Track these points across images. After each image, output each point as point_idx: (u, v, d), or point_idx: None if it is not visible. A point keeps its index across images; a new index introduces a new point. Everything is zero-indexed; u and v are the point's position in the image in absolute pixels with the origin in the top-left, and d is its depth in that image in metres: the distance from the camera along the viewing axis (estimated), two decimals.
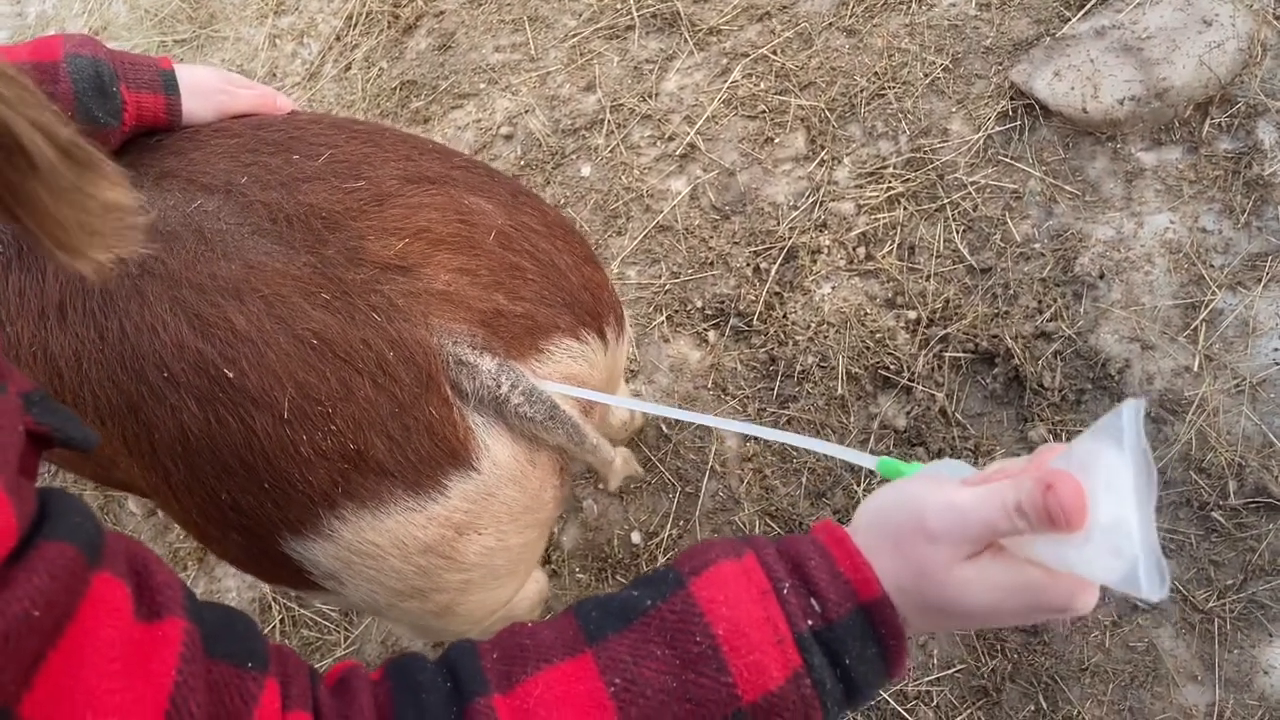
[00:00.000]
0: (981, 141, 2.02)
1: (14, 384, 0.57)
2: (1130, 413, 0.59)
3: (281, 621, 2.01)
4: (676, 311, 2.06)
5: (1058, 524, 0.58)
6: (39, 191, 0.52)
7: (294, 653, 0.66)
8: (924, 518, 0.65)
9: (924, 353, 1.88)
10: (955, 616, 0.65)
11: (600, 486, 1.96)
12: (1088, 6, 2.04)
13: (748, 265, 2.05)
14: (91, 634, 0.49)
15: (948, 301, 1.90)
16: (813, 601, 0.65)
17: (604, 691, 0.63)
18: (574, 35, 2.47)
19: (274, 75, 2.75)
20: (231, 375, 0.92)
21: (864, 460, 0.83)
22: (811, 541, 0.69)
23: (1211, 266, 1.78)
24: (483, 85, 2.50)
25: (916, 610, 0.66)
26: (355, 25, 2.72)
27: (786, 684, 0.63)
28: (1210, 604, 1.60)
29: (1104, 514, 0.59)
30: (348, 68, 2.67)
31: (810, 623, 0.64)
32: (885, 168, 2.07)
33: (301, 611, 2.02)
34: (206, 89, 1.18)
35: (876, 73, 2.16)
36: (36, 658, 0.46)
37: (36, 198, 0.52)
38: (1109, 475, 0.59)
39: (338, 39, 2.73)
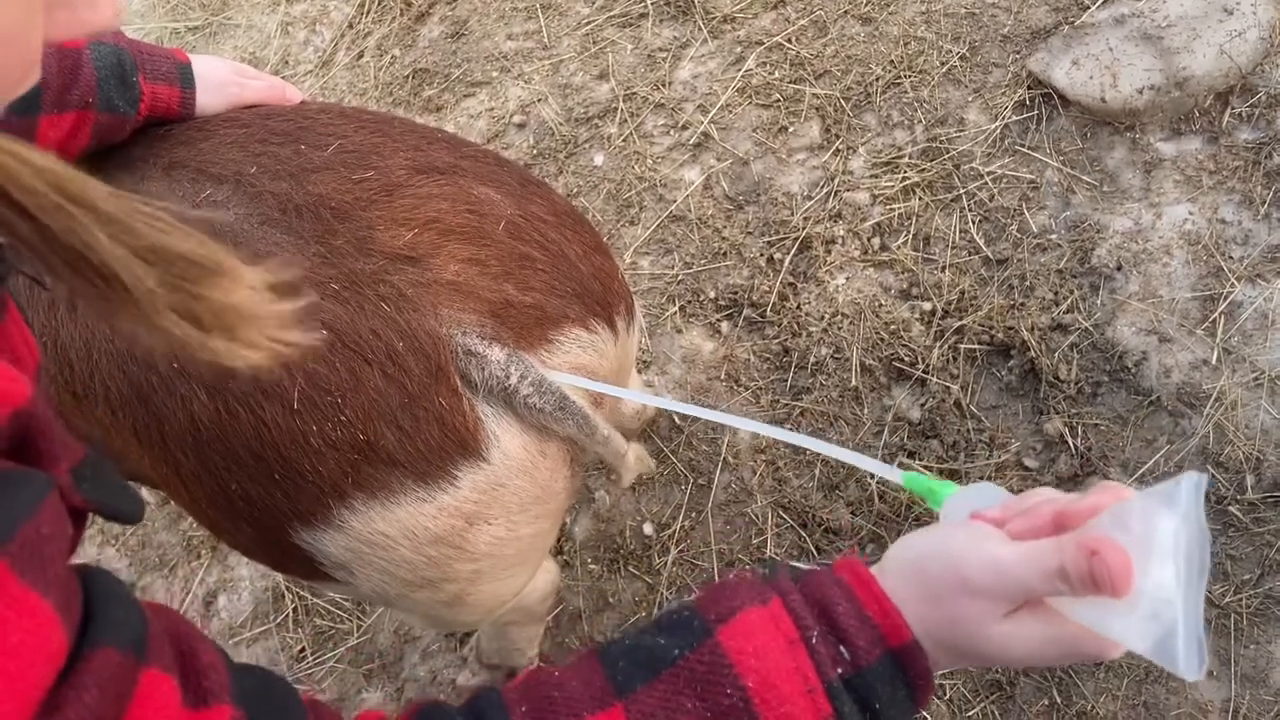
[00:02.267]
0: (998, 131, 2.01)
1: (66, 458, 0.56)
2: (1190, 485, 0.59)
3: (294, 611, 2.02)
4: (689, 302, 2.06)
5: (1102, 589, 0.58)
6: (141, 309, 0.52)
7: (328, 709, 0.65)
8: (963, 571, 0.64)
9: (939, 344, 1.86)
10: (984, 660, 0.66)
11: (613, 478, 1.95)
12: None
13: (761, 256, 2.04)
14: None
15: (963, 293, 1.88)
16: (842, 649, 0.65)
17: None
18: (587, 23, 2.46)
19: (286, 63, 2.74)
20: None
21: (890, 474, 0.82)
22: (836, 583, 0.68)
23: (1230, 258, 1.76)
24: (495, 73, 2.49)
25: (946, 654, 0.66)
26: (367, 13, 2.72)
27: None
28: (1227, 599, 1.59)
29: (1150, 582, 0.58)
30: (360, 56, 2.66)
31: (840, 670, 0.64)
32: (901, 157, 2.05)
33: (314, 601, 2.03)
34: (218, 81, 1.19)
35: (892, 61, 2.14)
36: None
37: (139, 313, 0.52)
38: (1159, 543, 0.58)
39: (350, 27, 2.72)
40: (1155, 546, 0.58)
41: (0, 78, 0.51)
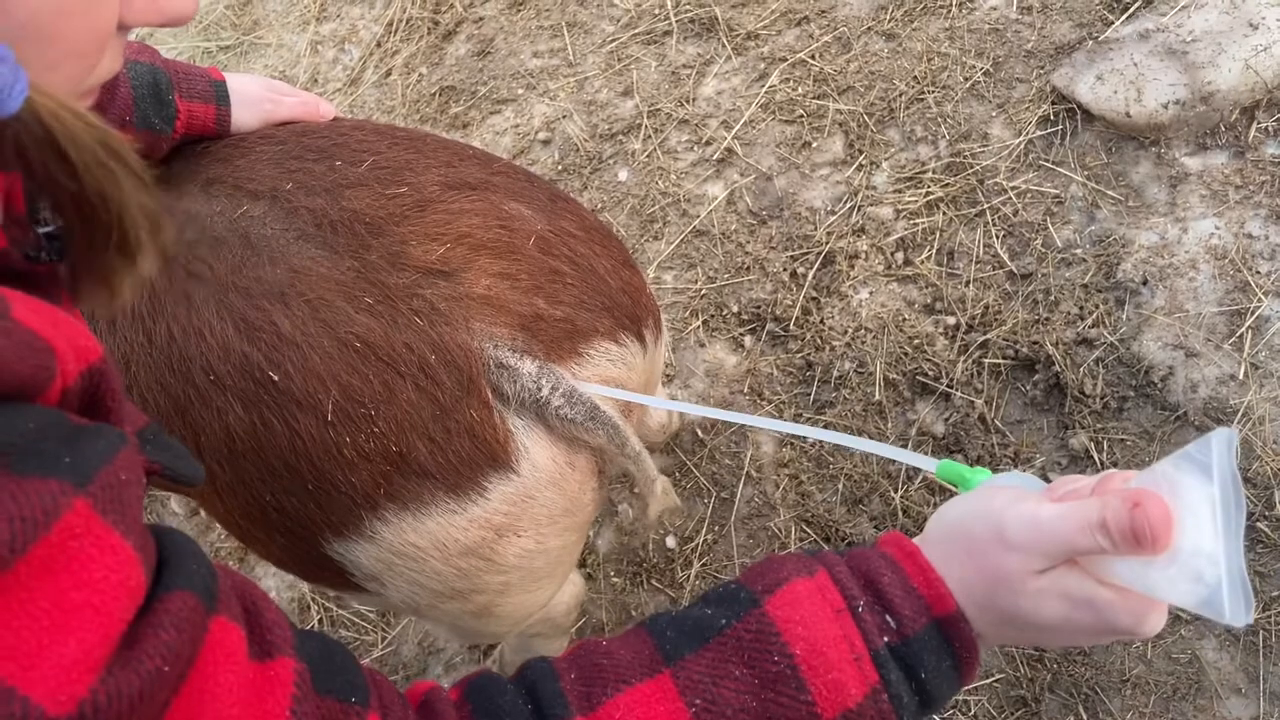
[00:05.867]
0: (1022, 146, 2.01)
1: (129, 422, 0.58)
2: (1221, 440, 0.59)
3: (320, 621, 2.04)
4: (713, 316, 2.06)
5: (1143, 543, 0.57)
6: (114, 260, 0.56)
7: (385, 679, 0.67)
8: (1004, 528, 0.65)
9: (963, 359, 1.86)
10: (1025, 628, 0.65)
11: (636, 491, 1.96)
12: (1131, 9, 2.02)
13: (784, 270, 2.05)
14: (211, 679, 0.51)
15: (987, 307, 1.88)
16: (888, 618, 0.66)
17: (685, 712, 0.64)
18: (612, 40, 2.48)
19: (315, 81, 2.78)
20: (276, 378, 0.93)
21: (925, 463, 0.82)
22: (881, 556, 0.69)
23: (1258, 273, 1.76)
24: (521, 90, 2.51)
25: (988, 622, 0.66)
26: (396, 32, 2.75)
27: (865, 701, 0.64)
28: (1255, 616, 1.57)
29: (1189, 537, 0.58)
30: (388, 74, 2.70)
31: (886, 639, 0.65)
32: (924, 172, 2.05)
33: (340, 611, 2.04)
34: (253, 98, 1.21)
35: (916, 77, 2.15)
36: (163, 708, 0.48)
37: (108, 263, 0.56)
38: (1194, 498, 0.59)
39: (378, 45, 2.76)
40: (1191, 502, 0.59)
41: (73, 51, 0.55)
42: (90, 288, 0.57)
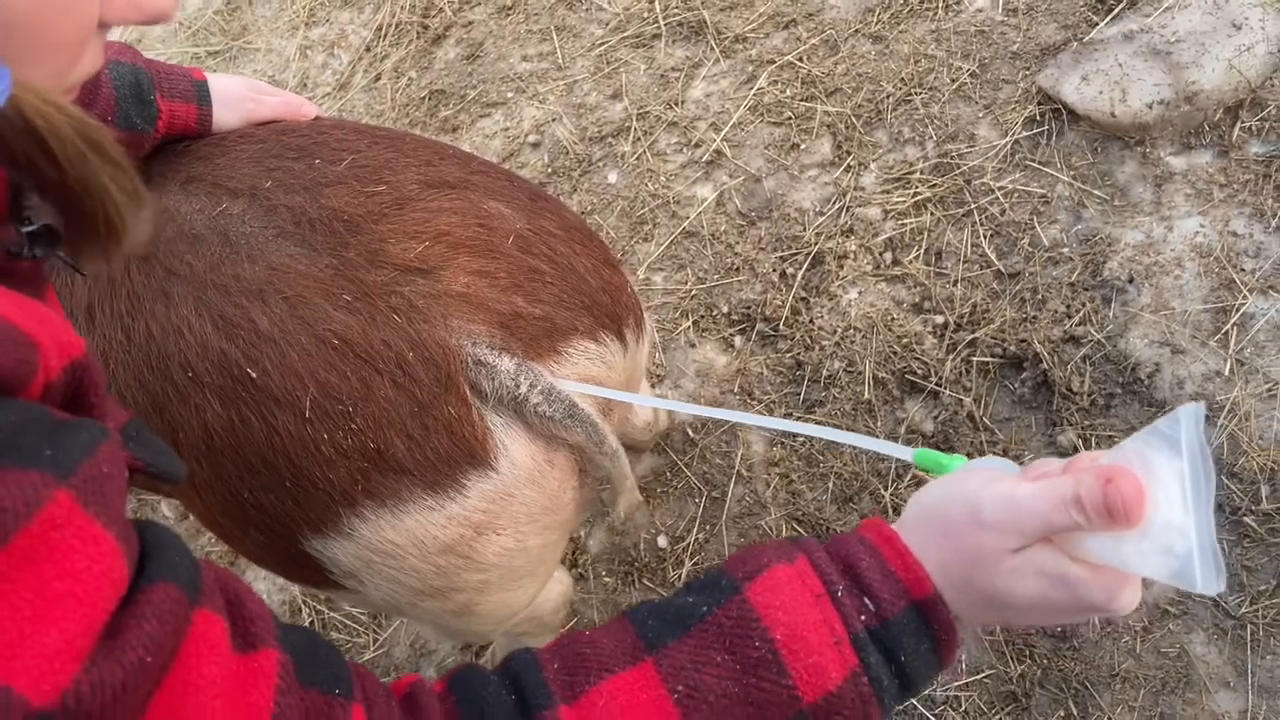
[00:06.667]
0: (1009, 146, 2.01)
1: (113, 419, 0.59)
2: (1189, 415, 0.60)
3: (311, 624, 2.03)
4: (703, 317, 2.07)
5: (1116, 518, 0.58)
6: (100, 240, 0.58)
7: (370, 673, 0.67)
8: (979, 508, 0.65)
9: (951, 357, 1.87)
10: (1002, 608, 0.66)
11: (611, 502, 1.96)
12: (1115, 10, 2.02)
13: (774, 271, 2.05)
14: (194, 670, 0.51)
15: (975, 306, 1.89)
16: (866, 601, 0.66)
17: (668, 699, 0.64)
18: (601, 44, 2.49)
19: (305, 86, 2.79)
20: (254, 375, 0.93)
21: (901, 452, 0.83)
22: (860, 541, 0.70)
23: (1242, 270, 1.76)
24: (510, 94, 2.52)
25: (966, 603, 0.67)
26: (385, 36, 2.76)
27: (845, 684, 0.64)
28: (1243, 610, 1.58)
29: (1160, 511, 0.59)
30: (377, 78, 2.70)
31: (865, 621, 0.66)
32: (912, 173, 2.06)
33: (331, 614, 2.04)
34: (234, 97, 1.21)
35: (903, 79, 2.16)
36: (146, 699, 0.48)
37: (96, 243, 0.58)
38: (1164, 473, 0.60)
39: (367, 50, 2.77)
40: (1160, 476, 0.59)
41: (56, 47, 0.56)
42: (87, 259, 0.60)
